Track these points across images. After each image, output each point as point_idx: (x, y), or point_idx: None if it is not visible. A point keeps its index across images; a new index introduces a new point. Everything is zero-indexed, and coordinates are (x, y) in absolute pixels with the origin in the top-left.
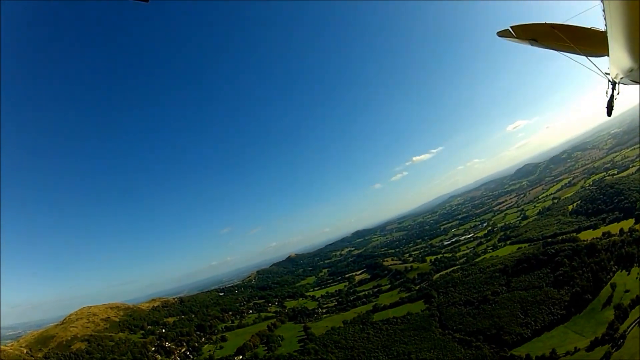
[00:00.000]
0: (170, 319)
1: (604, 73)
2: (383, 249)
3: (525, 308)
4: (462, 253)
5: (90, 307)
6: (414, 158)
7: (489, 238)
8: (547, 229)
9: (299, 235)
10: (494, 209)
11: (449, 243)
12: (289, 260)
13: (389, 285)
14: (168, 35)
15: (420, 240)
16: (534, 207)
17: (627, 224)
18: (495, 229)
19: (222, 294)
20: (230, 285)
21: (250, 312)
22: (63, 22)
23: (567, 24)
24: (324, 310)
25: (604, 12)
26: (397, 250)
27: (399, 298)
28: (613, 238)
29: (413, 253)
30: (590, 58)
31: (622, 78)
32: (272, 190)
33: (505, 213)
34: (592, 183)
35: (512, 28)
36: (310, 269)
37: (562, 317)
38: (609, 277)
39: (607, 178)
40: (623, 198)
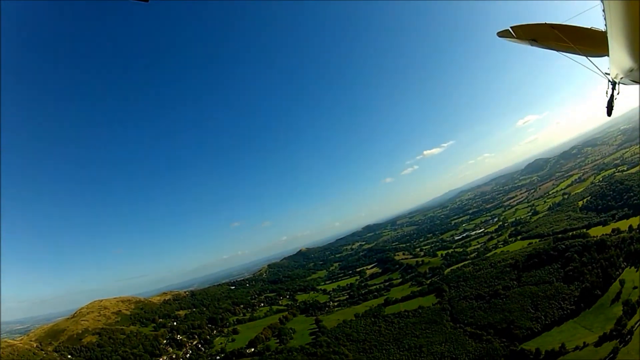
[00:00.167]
0: (182, 312)
1: (604, 73)
2: (394, 244)
3: (536, 303)
4: (473, 248)
5: (102, 300)
6: (425, 152)
7: (500, 233)
8: (557, 225)
9: (310, 230)
10: (505, 204)
11: (460, 238)
12: (300, 254)
13: (400, 279)
14: (168, 35)
15: (431, 235)
16: (545, 202)
17: (636, 221)
18: (506, 224)
19: (233, 288)
20: (241, 279)
21: (262, 305)
22: (63, 22)
23: (567, 24)
24: (336, 304)
25: (604, 12)
26: (408, 245)
27: (411, 292)
28: (622, 235)
29: (424, 247)
30: (590, 58)
31: (622, 78)
32: (282, 184)
33: (516, 208)
34: (602, 179)
35: (512, 28)
36: (321, 263)
37: (571, 312)
38: (618, 273)
39: (616, 174)
40: (632, 195)
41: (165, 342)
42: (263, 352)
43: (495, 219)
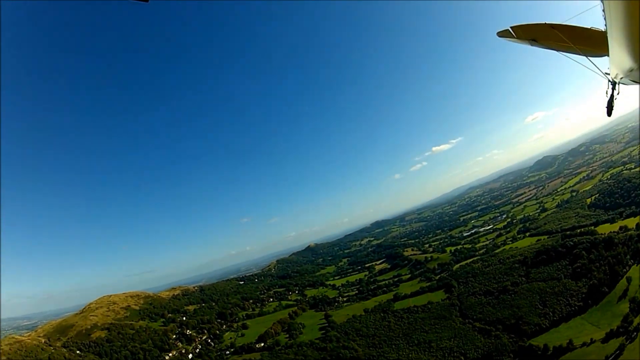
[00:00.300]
0: (191, 307)
1: (604, 73)
2: (403, 239)
3: (544, 299)
4: (481, 244)
5: (110, 295)
6: (434, 148)
7: (509, 230)
8: (565, 222)
9: (318, 225)
10: (513, 201)
11: (469, 234)
12: (309, 250)
13: (409, 275)
14: (168, 35)
15: (440, 231)
16: (553, 199)
17: None
18: (515, 221)
19: (242, 283)
20: (250, 274)
21: (271, 300)
22: (63, 22)
23: (567, 24)
24: (345, 299)
25: (604, 12)
26: (416, 241)
27: (420, 287)
28: (630, 232)
29: (433, 243)
30: (590, 58)
31: (622, 78)
32: (291, 180)
33: (524, 205)
34: (610, 177)
35: (512, 28)
36: (330, 259)
37: (579, 308)
38: (625, 270)
39: (624, 172)
40: None
41: (175, 337)
42: (273, 346)
43: (504, 216)
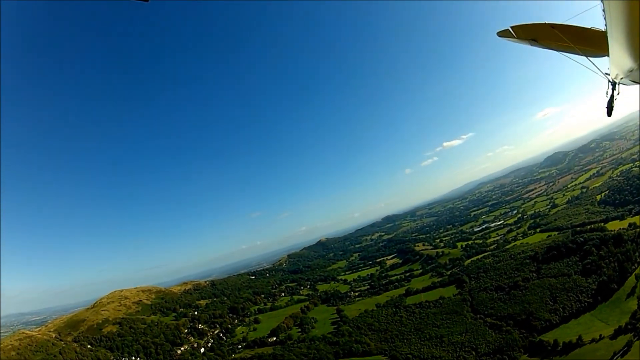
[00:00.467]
0: (202, 302)
1: (604, 73)
2: (414, 234)
3: (554, 295)
4: (492, 240)
5: (122, 290)
6: (445, 143)
7: (519, 225)
8: (576, 218)
9: (329, 220)
10: (524, 197)
11: (480, 230)
12: (320, 245)
13: (421, 270)
14: (168, 35)
15: (451, 226)
16: (563, 195)
17: None
18: (525, 217)
19: (253, 277)
20: (261, 269)
21: (283, 294)
22: (63, 22)
23: (567, 24)
24: (357, 294)
25: (604, 12)
26: (427, 236)
27: (431, 282)
28: (639, 229)
29: (444, 239)
30: (590, 58)
31: (622, 78)
32: (302, 175)
33: (535, 201)
34: (619, 174)
35: (512, 28)
36: (341, 253)
37: (588, 305)
38: (634, 267)
39: (634, 169)
40: None
41: (187, 331)
42: (285, 341)
43: (515, 211)
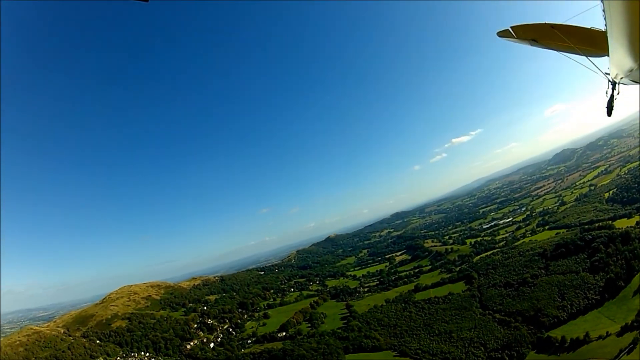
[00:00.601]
0: (212, 297)
1: (604, 73)
2: (422, 231)
3: (563, 292)
4: (501, 236)
5: (131, 285)
6: (453, 140)
7: (528, 222)
8: (584, 216)
9: (337, 216)
10: (532, 194)
11: (488, 226)
12: (329, 241)
13: (430, 266)
14: (168, 35)
15: (460, 223)
16: (572, 193)
17: None
18: (534, 214)
19: (262, 273)
20: (270, 265)
21: (292, 290)
22: (63, 22)
23: (567, 24)
24: (366, 289)
25: (604, 12)
26: (436, 233)
27: (440, 279)
28: None
29: (453, 235)
30: (590, 58)
31: (622, 78)
32: (311, 171)
33: (544, 198)
34: (627, 171)
35: (512, 28)
36: (350, 249)
37: (596, 302)
38: None
39: None
40: None
41: (196, 326)
42: (295, 335)
43: (523, 209)
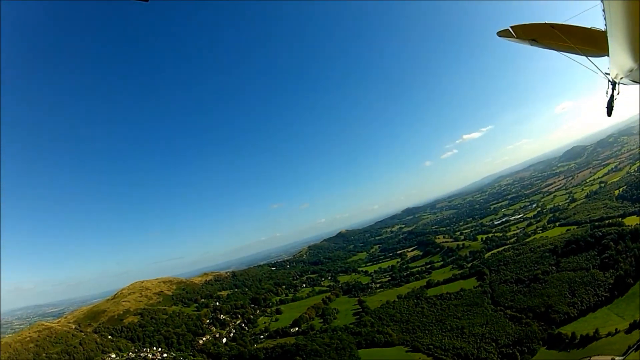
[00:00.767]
0: (224, 292)
1: (604, 73)
2: (434, 227)
3: (573, 288)
4: (512, 233)
5: (143, 281)
6: (464, 136)
7: (539, 219)
8: (594, 213)
9: (348, 212)
10: (543, 190)
11: (500, 223)
12: (340, 236)
13: (442, 262)
14: (168, 35)
15: (471, 219)
16: (582, 190)
17: None
18: (545, 211)
19: (274, 269)
20: (282, 260)
21: (304, 286)
22: (63, 22)
23: (567, 24)
24: (378, 285)
25: (604, 12)
26: (448, 229)
27: (452, 275)
28: None
29: (464, 231)
30: (590, 58)
31: (622, 78)
32: (321, 167)
33: (554, 195)
34: (637, 169)
35: (512, 28)
36: (361, 245)
37: (605, 299)
38: None
39: None
40: None
41: (209, 321)
42: (307, 331)
43: (534, 205)
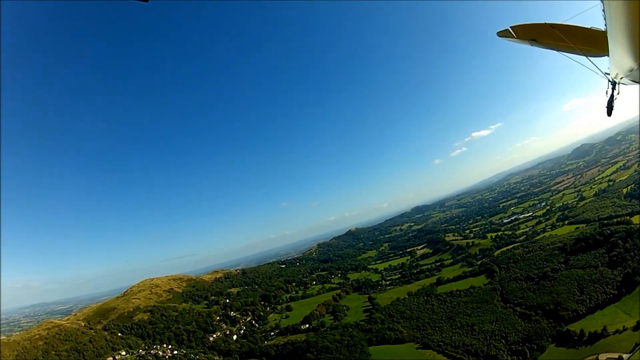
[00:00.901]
0: (234, 290)
1: (604, 73)
2: (443, 225)
3: (582, 286)
4: (521, 231)
5: (153, 279)
6: (474, 133)
7: (548, 217)
8: (602, 211)
9: (357, 210)
10: (552, 189)
11: (509, 221)
12: (349, 234)
13: (451, 260)
14: (168, 35)
15: (480, 217)
16: (591, 188)
17: None
18: (554, 209)
19: (284, 266)
20: (291, 258)
21: (314, 283)
22: (63, 22)
23: (567, 24)
24: (388, 282)
25: (604, 12)
26: (457, 227)
27: (462, 272)
28: None
29: (473, 229)
30: (590, 58)
31: (622, 78)
32: (332, 165)
33: (563, 193)
34: None
35: (512, 28)
36: (371, 243)
37: (613, 296)
38: None
39: None
40: None
41: (219, 318)
42: (318, 328)
43: (543, 203)
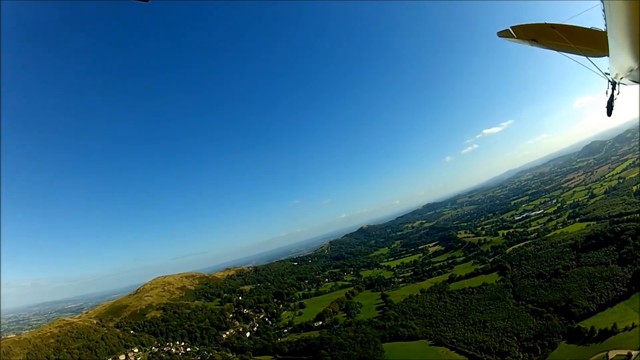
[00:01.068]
0: (247, 287)
1: (604, 73)
2: (455, 222)
3: (592, 283)
4: (533, 228)
5: (165, 276)
6: (485, 131)
7: (559, 214)
8: (613, 208)
9: (369, 207)
10: (563, 186)
11: (520, 218)
12: (361, 232)
13: (463, 257)
14: (168, 35)
15: (492, 214)
16: (601, 185)
17: None
18: (565, 206)
19: (296, 264)
20: (303, 255)
21: (327, 280)
22: (63, 22)
23: (567, 24)
24: (400, 280)
25: (604, 12)
26: (469, 224)
27: (474, 269)
28: None
29: (485, 227)
30: (590, 58)
31: (622, 78)
32: (344, 163)
33: (574, 190)
34: None
35: (512, 28)
36: (383, 240)
37: (623, 294)
38: None
39: None
40: None
41: (232, 315)
42: (331, 325)
43: (554, 201)
